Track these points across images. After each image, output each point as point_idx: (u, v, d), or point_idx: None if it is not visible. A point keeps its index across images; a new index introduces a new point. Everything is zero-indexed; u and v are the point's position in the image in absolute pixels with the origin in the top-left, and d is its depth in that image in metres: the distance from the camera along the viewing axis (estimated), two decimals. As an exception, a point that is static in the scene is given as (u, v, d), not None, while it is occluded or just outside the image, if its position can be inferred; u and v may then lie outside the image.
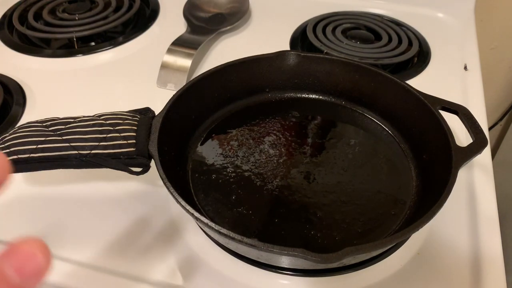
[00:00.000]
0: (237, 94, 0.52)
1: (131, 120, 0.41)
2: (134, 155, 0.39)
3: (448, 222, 0.43)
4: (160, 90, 0.59)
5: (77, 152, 0.38)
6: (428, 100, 0.45)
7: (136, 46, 0.67)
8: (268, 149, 0.48)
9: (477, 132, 0.43)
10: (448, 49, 0.67)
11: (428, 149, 0.45)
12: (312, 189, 0.44)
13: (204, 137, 0.49)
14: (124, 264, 0.40)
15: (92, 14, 0.71)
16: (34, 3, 0.75)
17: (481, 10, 0.81)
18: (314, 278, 0.39)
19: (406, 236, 0.38)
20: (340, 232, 0.40)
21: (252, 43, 0.68)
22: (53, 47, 0.68)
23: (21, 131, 0.39)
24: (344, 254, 0.32)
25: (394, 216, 0.42)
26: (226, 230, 0.34)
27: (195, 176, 0.45)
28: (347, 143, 0.49)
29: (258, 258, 0.39)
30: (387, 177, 0.46)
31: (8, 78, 0.59)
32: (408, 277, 0.39)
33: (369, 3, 0.76)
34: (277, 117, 0.52)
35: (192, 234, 0.42)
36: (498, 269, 0.40)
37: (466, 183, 0.47)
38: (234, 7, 0.72)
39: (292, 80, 0.53)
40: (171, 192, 0.36)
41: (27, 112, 0.55)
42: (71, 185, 0.47)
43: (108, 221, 0.43)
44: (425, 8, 0.75)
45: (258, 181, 0.45)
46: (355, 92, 0.52)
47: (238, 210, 0.42)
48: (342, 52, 0.63)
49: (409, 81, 0.60)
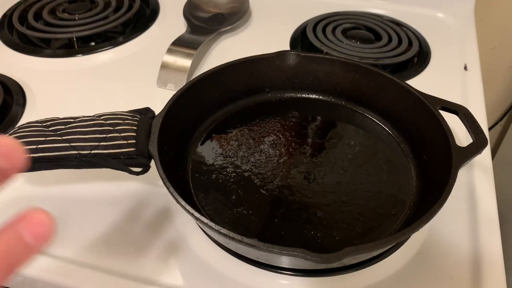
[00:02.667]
0: (237, 94, 0.52)
1: (131, 120, 0.41)
2: (134, 155, 0.39)
3: (448, 222, 0.43)
4: (160, 90, 0.59)
5: (77, 152, 0.38)
6: (428, 100, 0.45)
7: (136, 46, 0.67)
8: (268, 149, 0.48)
9: (477, 132, 0.43)
10: (448, 49, 0.67)
11: (428, 149, 0.45)
12: (312, 189, 0.44)
13: (204, 137, 0.49)
14: (124, 264, 0.40)
15: (92, 14, 0.71)
16: (34, 3, 0.75)
17: (481, 10, 0.81)
18: (314, 278, 0.39)
19: (406, 236, 0.38)
20: (340, 232, 0.40)
21: (252, 43, 0.68)
22: (53, 47, 0.68)
23: (21, 131, 0.39)
24: (344, 254, 0.32)
25: (394, 216, 0.42)
26: (226, 230, 0.34)
27: (195, 176, 0.45)
28: (347, 143, 0.49)
29: (258, 258, 0.39)
30: (387, 177, 0.46)
31: (8, 78, 0.59)
32: (408, 277, 0.39)
33: (369, 3, 0.76)
34: (277, 117, 0.52)
35: (192, 234, 0.42)
36: (498, 269, 0.40)
37: (466, 183, 0.47)
38: (234, 7, 0.72)
39: (292, 80, 0.53)
40: (171, 192, 0.36)
41: (27, 112, 0.55)
42: (71, 185, 0.47)
43: (108, 221, 0.43)
44: (425, 8, 0.75)
45: (258, 181, 0.45)
46: (355, 92, 0.52)
47: (238, 210, 0.42)
48: (342, 52, 0.63)
49: (409, 81, 0.60)
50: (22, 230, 0.18)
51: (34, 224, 0.18)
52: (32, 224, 0.18)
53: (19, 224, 0.18)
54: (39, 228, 0.18)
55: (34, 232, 0.18)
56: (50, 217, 0.18)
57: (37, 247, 0.18)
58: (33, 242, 0.18)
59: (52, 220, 0.18)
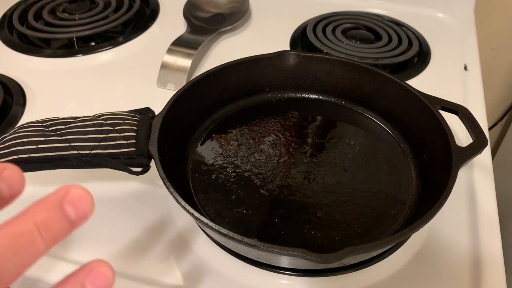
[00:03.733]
0: (237, 94, 0.52)
1: (131, 120, 0.41)
2: (134, 155, 0.39)
3: (448, 222, 0.43)
4: (160, 90, 0.59)
5: (77, 152, 0.38)
6: (428, 100, 0.45)
7: (136, 46, 0.67)
8: (268, 149, 0.48)
9: (477, 132, 0.43)
10: (448, 49, 0.67)
11: (428, 149, 0.45)
12: (312, 189, 0.44)
13: (204, 137, 0.49)
14: (123, 264, 0.40)
15: (92, 14, 0.71)
16: (34, 3, 0.75)
17: (481, 10, 0.81)
18: (314, 278, 0.39)
19: (406, 236, 0.38)
20: (340, 232, 0.40)
21: (252, 43, 0.68)
22: (53, 47, 0.68)
23: (21, 131, 0.39)
24: (344, 254, 0.32)
25: (394, 216, 0.42)
26: (226, 230, 0.34)
27: (195, 176, 0.45)
28: (347, 143, 0.49)
29: (258, 258, 0.39)
30: (387, 177, 0.46)
31: (8, 78, 0.59)
32: (408, 277, 0.39)
33: (369, 3, 0.76)
34: (277, 117, 0.52)
35: (192, 234, 0.42)
36: (498, 269, 0.40)
37: (466, 183, 0.47)
38: (234, 7, 0.72)
39: (292, 80, 0.53)
40: (171, 192, 0.36)
41: (27, 112, 0.55)
42: (71, 185, 0.46)
43: (108, 221, 0.43)
44: (425, 8, 0.75)
45: (258, 181, 0.45)
46: (355, 92, 0.52)
47: (238, 210, 0.42)
48: (342, 52, 0.63)
49: (409, 81, 0.60)
50: (86, 283, 0.18)
51: (97, 276, 0.18)
52: (95, 276, 0.18)
53: (83, 275, 0.18)
54: (101, 281, 0.18)
55: (96, 285, 0.18)
56: (112, 271, 0.19)
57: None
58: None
59: (113, 274, 0.19)
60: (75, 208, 0.19)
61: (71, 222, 0.19)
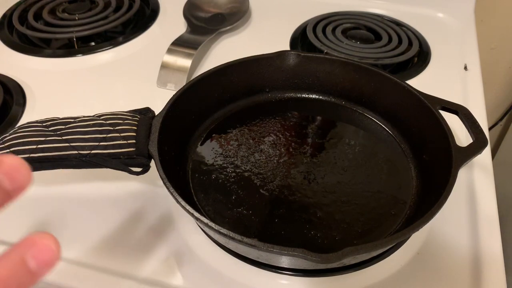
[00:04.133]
0: (237, 94, 0.52)
1: (131, 120, 0.41)
2: (134, 155, 0.39)
3: (448, 222, 0.43)
4: (160, 90, 0.59)
5: (77, 152, 0.38)
6: (428, 100, 0.45)
7: (136, 46, 0.67)
8: (268, 149, 0.48)
9: (477, 132, 0.43)
10: (448, 49, 0.67)
11: (428, 149, 0.45)
12: (312, 189, 0.44)
13: (204, 137, 0.49)
14: (123, 264, 0.40)
15: (92, 14, 0.71)
16: (34, 3, 0.75)
17: (481, 10, 0.81)
18: (314, 278, 0.39)
19: (406, 236, 0.38)
20: (340, 232, 0.40)
21: (252, 43, 0.68)
22: (53, 47, 0.68)
23: (21, 131, 0.39)
24: (344, 254, 0.32)
25: (394, 216, 0.42)
26: (226, 230, 0.34)
27: (195, 176, 0.45)
28: (347, 143, 0.49)
29: (258, 258, 0.39)
30: (387, 177, 0.46)
31: (8, 78, 0.59)
32: (408, 277, 0.39)
33: (369, 3, 0.76)
34: (277, 117, 0.52)
35: (192, 234, 0.42)
36: (498, 269, 0.40)
37: (466, 183, 0.47)
38: (234, 7, 0.72)
39: (292, 80, 0.53)
40: (171, 192, 0.36)
41: (27, 112, 0.55)
42: (71, 185, 0.46)
43: (108, 221, 0.43)
44: (425, 8, 0.75)
45: (258, 181, 0.45)
46: (355, 92, 0.52)
47: (238, 210, 0.42)
48: (342, 52, 0.63)
49: (409, 81, 0.60)
50: (26, 256, 0.17)
51: (40, 250, 0.17)
52: (37, 250, 0.17)
53: (24, 249, 0.17)
54: (44, 254, 0.17)
55: (39, 258, 0.17)
56: (56, 243, 0.18)
57: (40, 274, 0.17)
58: (37, 269, 0.17)
59: (58, 246, 0.18)
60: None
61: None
